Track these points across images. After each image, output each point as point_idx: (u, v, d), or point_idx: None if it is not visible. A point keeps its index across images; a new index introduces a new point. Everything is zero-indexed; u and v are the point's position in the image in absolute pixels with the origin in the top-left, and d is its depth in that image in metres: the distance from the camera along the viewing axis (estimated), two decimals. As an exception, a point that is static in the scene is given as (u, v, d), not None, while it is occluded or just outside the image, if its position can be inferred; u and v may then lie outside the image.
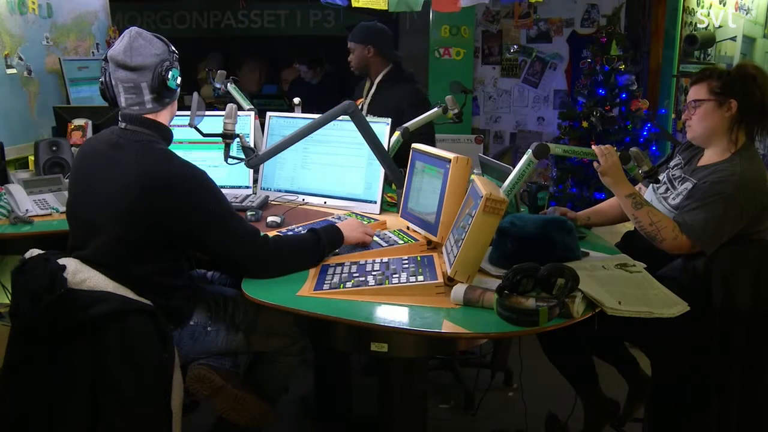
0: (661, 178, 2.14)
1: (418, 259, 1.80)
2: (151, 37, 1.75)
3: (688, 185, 2.01)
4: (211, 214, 1.70)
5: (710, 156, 2.04)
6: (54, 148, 2.71)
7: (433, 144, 2.72)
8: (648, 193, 2.20)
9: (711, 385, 1.97)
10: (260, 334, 1.93)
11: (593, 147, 2.01)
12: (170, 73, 1.72)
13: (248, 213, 2.31)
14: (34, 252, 1.70)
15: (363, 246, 1.95)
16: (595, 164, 2.00)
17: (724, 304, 1.92)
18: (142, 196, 1.64)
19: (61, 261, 1.65)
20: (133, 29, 1.74)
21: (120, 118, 1.76)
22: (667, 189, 2.10)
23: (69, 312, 1.59)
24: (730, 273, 1.94)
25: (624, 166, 2.00)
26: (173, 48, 1.79)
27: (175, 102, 1.84)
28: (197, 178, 1.70)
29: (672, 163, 2.18)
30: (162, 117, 1.79)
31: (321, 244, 1.84)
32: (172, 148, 1.80)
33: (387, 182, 2.45)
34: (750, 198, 1.91)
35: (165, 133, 1.79)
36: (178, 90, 1.81)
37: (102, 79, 1.80)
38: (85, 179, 1.76)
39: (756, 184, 1.93)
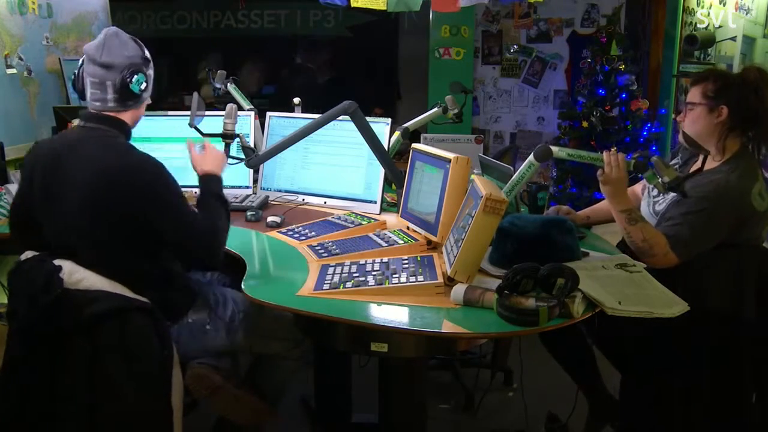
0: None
1: (418, 259, 1.80)
2: (128, 39, 1.76)
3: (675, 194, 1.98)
4: (168, 205, 1.69)
5: (700, 163, 1.99)
6: (54, 148, 2.71)
7: None
8: (644, 195, 2.18)
9: (684, 385, 1.98)
10: (260, 337, 1.93)
11: (603, 154, 1.91)
12: (135, 77, 1.72)
13: (248, 213, 2.31)
14: (29, 254, 1.71)
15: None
16: (599, 171, 1.91)
17: (699, 306, 1.89)
18: (105, 190, 1.64)
19: (57, 262, 1.65)
20: (113, 29, 1.76)
21: (79, 117, 1.78)
22: (660, 192, 2.07)
23: (66, 312, 1.59)
24: (709, 275, 1.93)
25: (641, 174, 1.91)
26: (148, 55, 1.79)
27: (142, 106, 1.82)
28: (155, 168, 1.69)
29: (671, 162, 2.16)
30: (124, 117, 1.78)
31: (226, 205, 1.86)
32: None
33: (387, 182, 2.44)
34: (730, 210, 1.89)
35: (123, 128, 1.78)
36: (144, 95, 1.79)
37: (75, 70, 1.80)
38: (49, 184, 1.72)
39: (737, 194, 1.89)
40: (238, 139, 2.18)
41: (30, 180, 1.77)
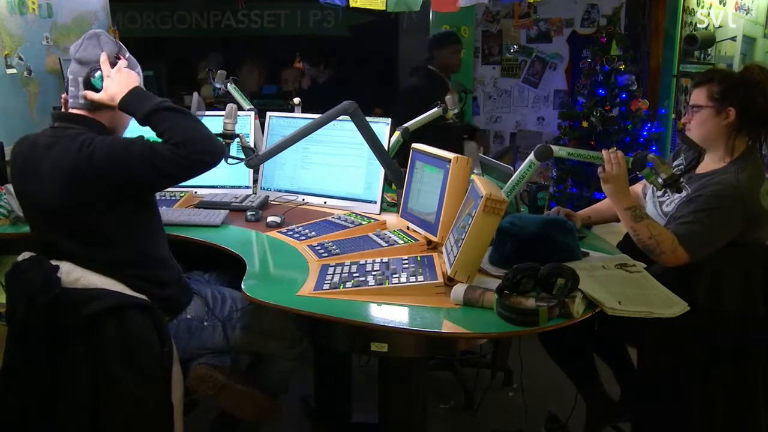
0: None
1: (418, 259, 1.80)
2: (108, 40, 1.75)
3: (683, 193, 1.97)
4: (150, 166, 1.63)
5: (707, 163, 1.99)
6: (54, 148, 2.70)
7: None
8: (648, 196, 2.18)
9: (693, 384, 1.97)
10: (257, 335, 1.94)
11: (603, 152, 1.91)
12: (97, 72, 1.70)
13: (248, 213, 2.31)
14: (26, 254, 1.71)
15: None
16: (600, 169, 1.91)
17: (708, 305, 1.90)
18: (79, 187, 1.63)
19: (55, 262, 1.65)
20: (97, 30, 1.76)
21: (52, 118, 1.77)
22: (665, 192, 2.04)
23: (65, 311, 1.59)
24: (718, 274, 1.93)
25: (638, 173, 1.89)
26: (128, 57, 1.78)
27: (116, 111, 1.74)
28: (115, 144, 1.65)
29: (675, 163, 2.15)
30: (97, 117, 1.75)
31: (167, 104, 1.70)
32: None
33: (387, 182, 2.44)
34: (741, 209, 1.88)
35: (95, 127, 1.73)
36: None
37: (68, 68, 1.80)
38: (30, 187, 1.72)
39: (747, 193, 1.89)
40: (238, 139, 2.18)
41: (18, 189, 1.80)
